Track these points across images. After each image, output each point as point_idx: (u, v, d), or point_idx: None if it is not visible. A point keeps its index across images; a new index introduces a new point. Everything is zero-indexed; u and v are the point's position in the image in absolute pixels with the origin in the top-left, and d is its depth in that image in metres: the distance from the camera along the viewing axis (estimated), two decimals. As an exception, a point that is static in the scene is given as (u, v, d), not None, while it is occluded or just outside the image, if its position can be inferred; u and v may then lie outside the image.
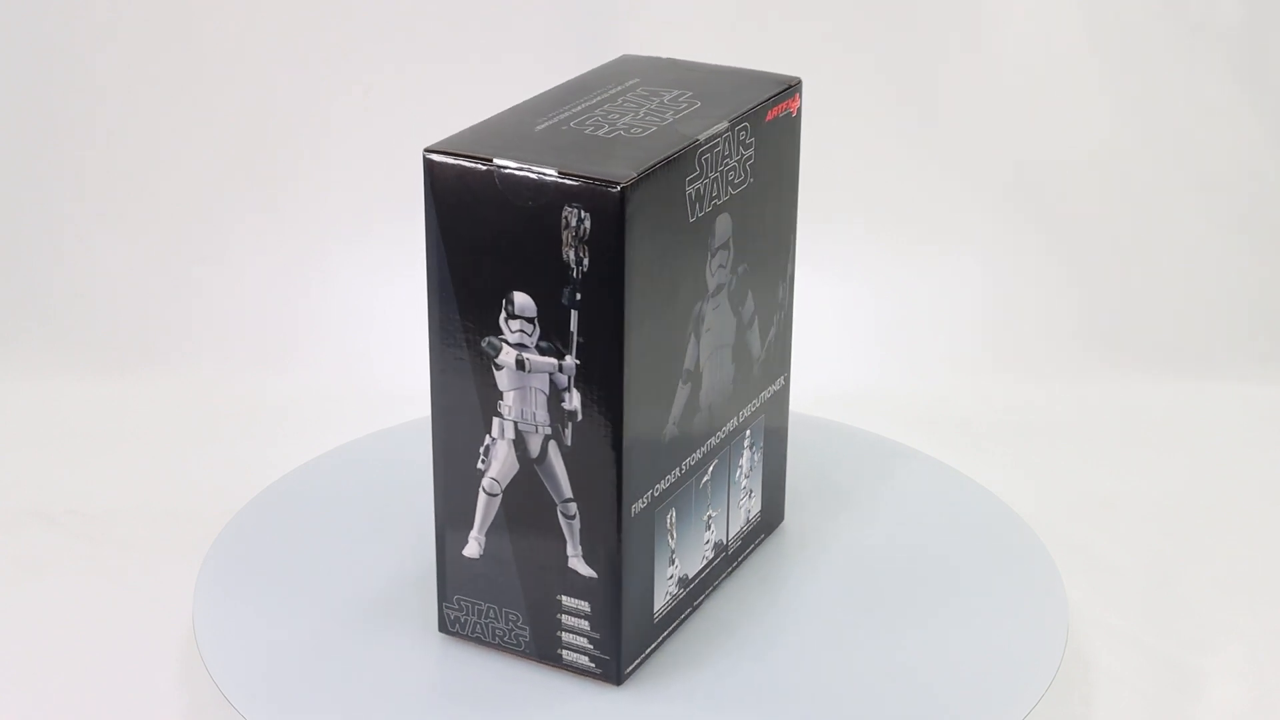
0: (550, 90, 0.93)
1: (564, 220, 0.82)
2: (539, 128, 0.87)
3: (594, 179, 0.82)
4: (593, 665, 0.91)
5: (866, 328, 1.44)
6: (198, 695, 1.01)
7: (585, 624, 0.90)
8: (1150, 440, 1.34)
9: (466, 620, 0.93)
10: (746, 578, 1.01)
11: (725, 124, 0.89)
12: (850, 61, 1.46)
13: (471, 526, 0.90)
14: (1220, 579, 1.16)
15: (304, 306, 1.43)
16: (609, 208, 0.82)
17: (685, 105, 0.91)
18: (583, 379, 0.85)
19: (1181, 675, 1.06)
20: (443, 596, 0.93)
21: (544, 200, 0.82)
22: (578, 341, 0.84)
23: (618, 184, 0.81)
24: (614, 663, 0.91)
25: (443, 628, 0.94)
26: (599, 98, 0.92)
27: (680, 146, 0.86)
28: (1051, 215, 1.47)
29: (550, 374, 0.85)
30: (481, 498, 0.90)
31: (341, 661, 0.93)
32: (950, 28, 1.46)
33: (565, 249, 0.83)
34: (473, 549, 0.91)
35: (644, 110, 0.90)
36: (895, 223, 1.48)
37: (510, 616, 0.92)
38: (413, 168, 1.44)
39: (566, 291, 0.84)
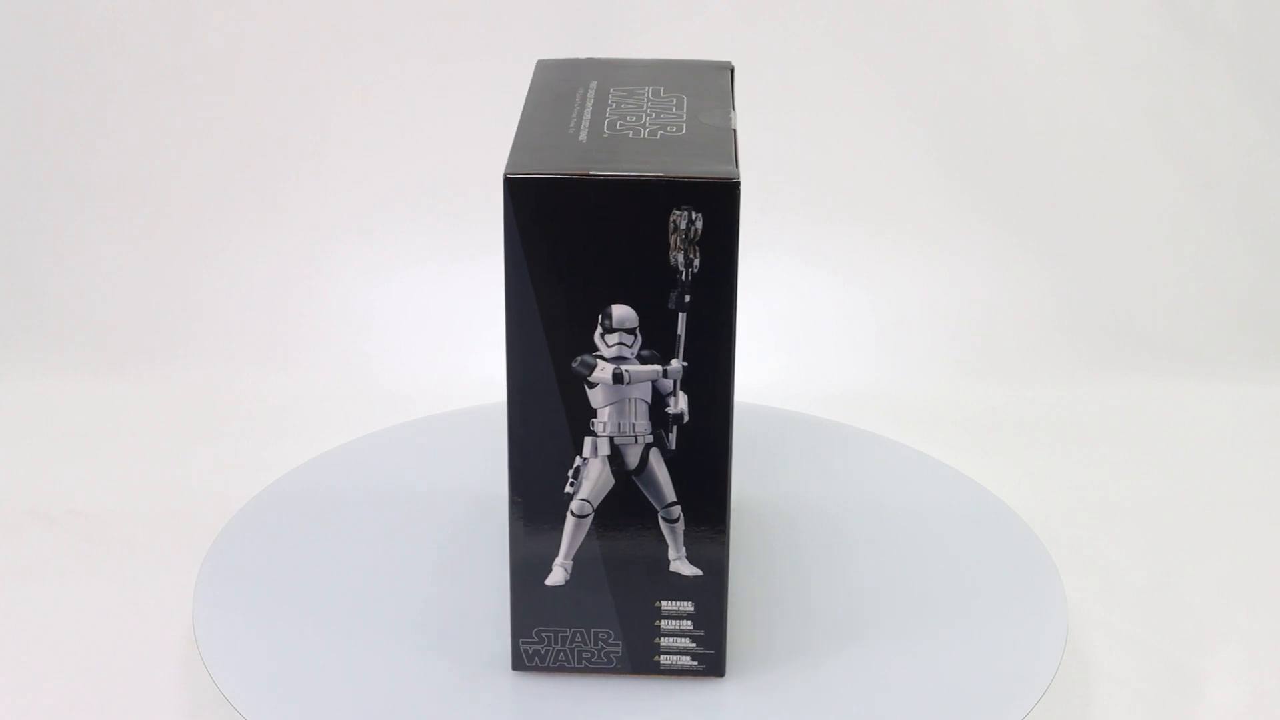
0: (529, 104, 0.91)
1: (672, 224, 0.81)
2: (580, 138, 0.86)
3: (707, 179, 0.81)
4: (695, 663, 0.91)
5: (866, 328, 1.44)
6: (198, 695, 1.01)
7: (687, 624, 0.90)
8: (1150, 440, 1.34)
9: (547, 651, 0.91)
10: (746, 575, 1.01)
11: (733, 111, 0.90)
12: (850, 62, 1.46)
13: (556, 554, 0.89)
14: (1220, 579, 1.16)
15: (304, 306, 1.43)
16: (726, 205, 0.81)
17: (674, 99, 0.91)
18: (689, 379, 0.85)
19: (1181, 675, 1.06)
20: (520, 633, 0.91)
21: (648, 206, 0.81)
22: (684, 343, 0.84)
23: (733, 181, 0.81)
24: (718, 656, 0.91)
25: (518, 665, 0.91)
26: (589, 104, 0.90)
27: (730, 139, 0.86)
28: (1052, 215, 1.47)
29: (654, 381, 0.85)
30: (569, 522, 0.88)
31: (342, 661, 0.93)
32: (950, 27, 1.46)
33: (673, 253, 0.82)
34: (557, 576, 0.89)
35: (648, 108, 0.90)
36: (895, 222, 1.48)
37: (601, 636, 0.90)
38: (412, 168, 1.45)
39: (674, 295, 0.83)
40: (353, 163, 1.45)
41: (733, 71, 0.96)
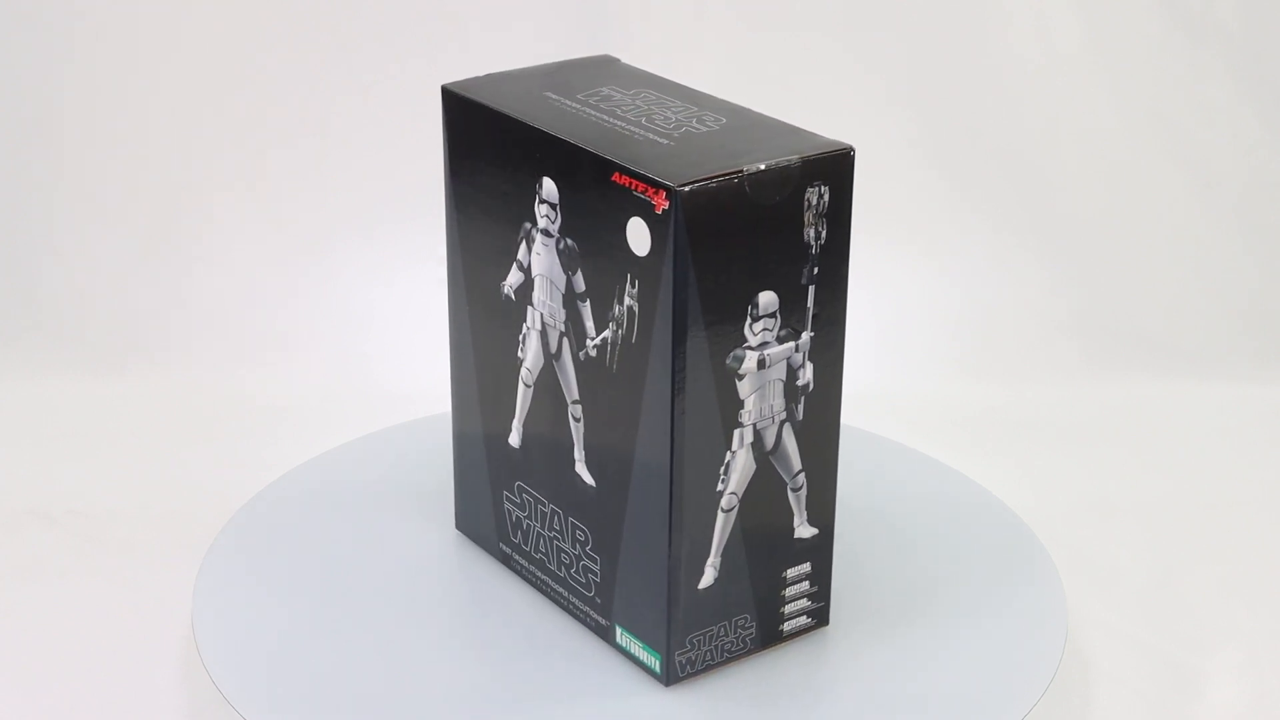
0: (545, 126, 0.89)
1: (806, 202, 0.84)
2: (661, 142, 0.86)
3: (832, 152, 0.85)
4: (810, 620, 0.93)
5: (866, 328, 1.44)
6: (198, 695, 1.01)
7: (806, 585, 0.92)
8: (1150, 440, 1.34)
9: (697, 656, 0.90)
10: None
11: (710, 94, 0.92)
12: (849, 63, 1.46)
13: (708, 556, 0.88)
14: (1220, 579, 1.16)
15: (304, 306, 1.43)
16: (846, 174, 0.85)
17: (651, 95, 0.92)
18: (814, 349, 0.87)
19: (1181, 675, 1.06)
20: (676, 646, 0.89)
21: (789, 190, 0.83)
22: (813, 314, 0.86)
23: (851, 150, 0.85)
24: (826, 606, 0.94)
25: (673, 679, 0.90)
26: (595, 112, 0.90)
27: (763, 117, 0.89)
28: (1051, 216, 1.47)
29: (788, 358, 0.86)
30: (719, 520, 0.88)
31: (341, 662, 0.93)
32: (950, 27, 1.46)
33: (806, 229, 0.84)
34: (709, 577, 0.88)
35: (652, 108, 0.90)
36: (895, 222, 1.48)
37: (739, 623, 0.91)
38: (412, 168, 1.45)
39: (806, 270, 0.85)
40: (353, 163, 1.45)
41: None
